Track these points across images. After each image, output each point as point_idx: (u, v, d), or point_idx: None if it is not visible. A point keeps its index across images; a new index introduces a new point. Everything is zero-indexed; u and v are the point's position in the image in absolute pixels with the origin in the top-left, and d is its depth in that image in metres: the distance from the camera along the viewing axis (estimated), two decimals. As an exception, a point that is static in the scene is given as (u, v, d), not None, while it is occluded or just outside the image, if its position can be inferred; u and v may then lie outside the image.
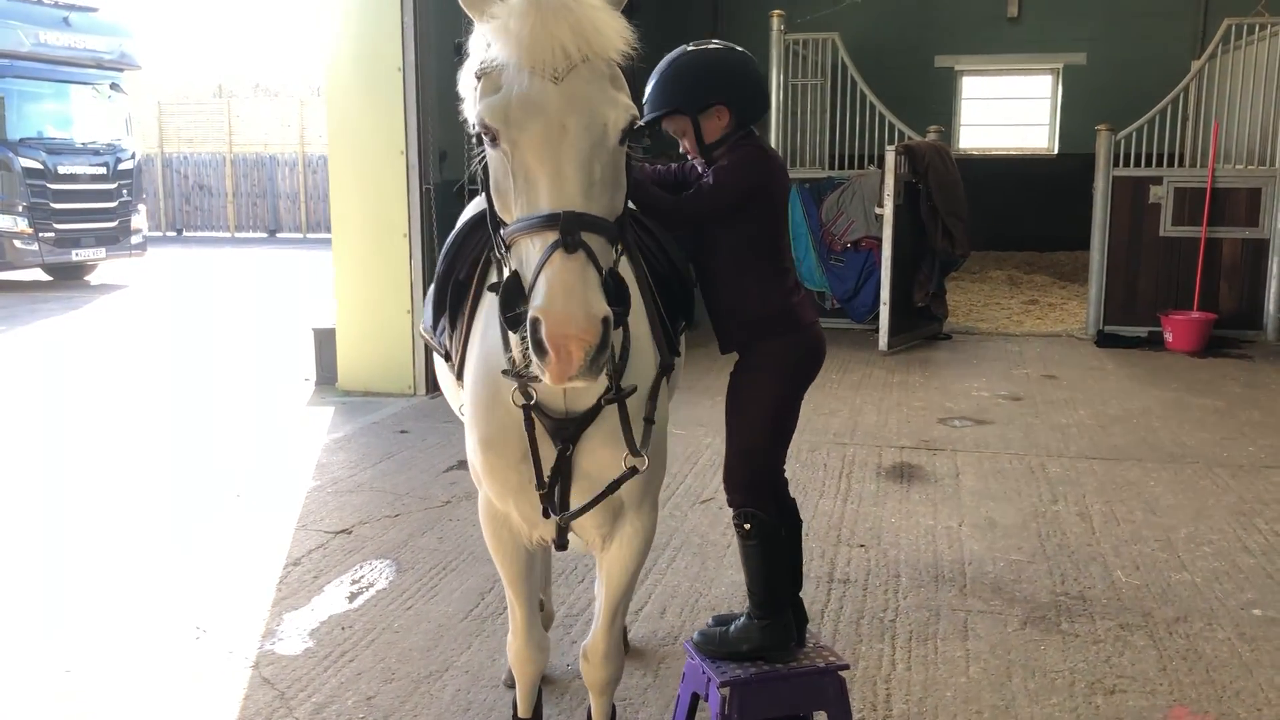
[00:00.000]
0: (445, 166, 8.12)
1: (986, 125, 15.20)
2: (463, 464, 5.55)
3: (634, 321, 2.37)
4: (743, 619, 2.97)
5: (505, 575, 2.71)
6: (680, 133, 2.86)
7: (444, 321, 2.65)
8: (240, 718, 3.40)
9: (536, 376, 2.20)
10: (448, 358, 2.67)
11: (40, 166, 15.30)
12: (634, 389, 2.36)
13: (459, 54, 7.05)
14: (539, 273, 1.86)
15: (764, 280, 2.88)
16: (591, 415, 2.36)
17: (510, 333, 2.06)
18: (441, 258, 2.73)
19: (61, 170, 15.55)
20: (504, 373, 2.28)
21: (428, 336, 2.82)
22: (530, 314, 1.85)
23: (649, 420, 2.40)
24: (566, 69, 1.94)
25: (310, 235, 25.61)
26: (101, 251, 16.23)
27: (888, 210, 9.17)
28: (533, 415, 2.33)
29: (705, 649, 2.93)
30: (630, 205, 2.30)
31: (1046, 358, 9.18)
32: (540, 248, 1.87)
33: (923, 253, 9.69)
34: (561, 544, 2.56)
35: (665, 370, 2.52)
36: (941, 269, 9.84)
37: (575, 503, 2.43)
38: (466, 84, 2.23)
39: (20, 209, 15.11)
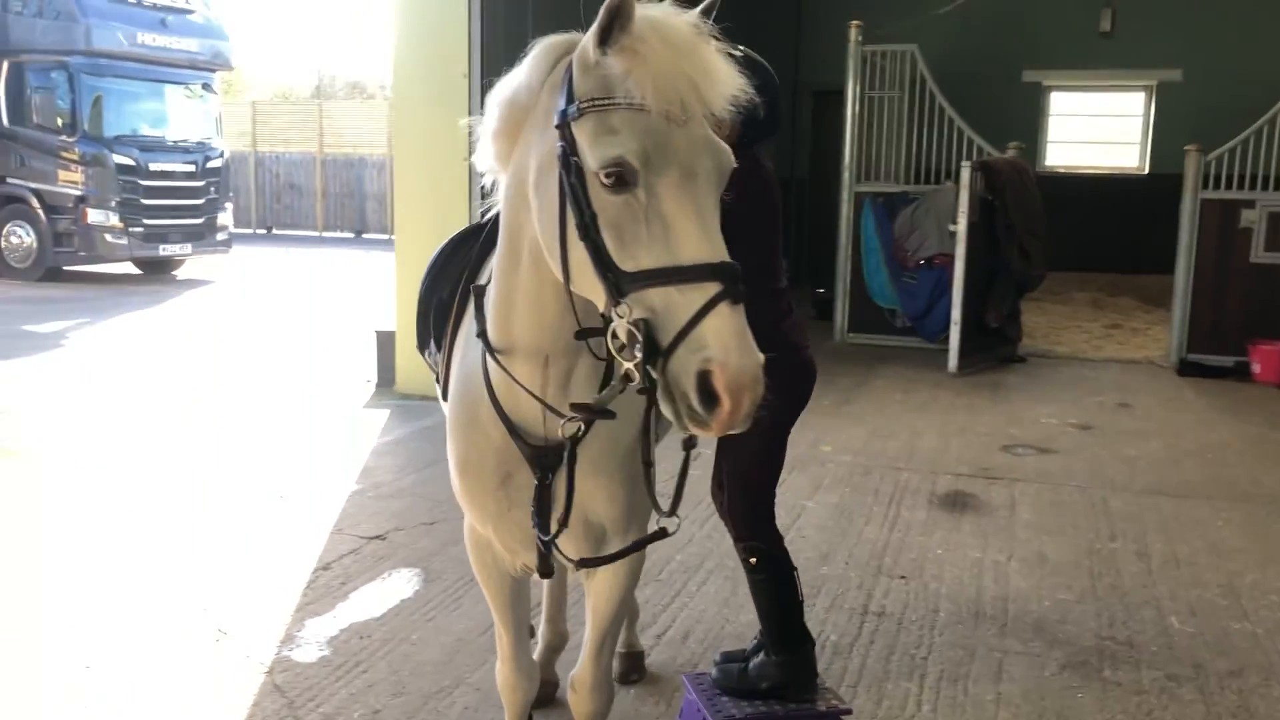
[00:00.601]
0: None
1: (1075, 142, 14.75)
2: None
3: None
4: (760, 656, 2.86)
5: (491, 601, 2.65)
6: None
7: (431, 342, 2.61)
8: (247, 724, 3.39)
9: (611, 413, 2.15)
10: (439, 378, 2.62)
11: (133, 163, 15.72)
12: (613, 414, 2.23)
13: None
14: (697, 323, 1.81)
15: (753, 301, 2.78)
16: (571, 445, 2.28)
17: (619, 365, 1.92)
18: (423, 279, 2.68)
19: (153, 167, 15.95)
20: (573, 406, 2.18)
21: (425, 357, 2.78)
22: (695, 367, 1.80)
23: (648, 463, 2.27)
24: (697, 112, 1.89)
25: (395, 237, 25.95)
26: (188, 247, 16.61)
27: (961, 227, 8.93)
28: (516, 444, 2.27)
29: (723, 685, 2.83)
30: None
31: (1123, 385, 8.84)
32: (698, 298, 1.82)
33: (998, 272, 9.41)
34: (545, 572, 2.48)
35: None
36: (1017, 289, 9.55)
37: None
38: (505, 114, 2.12)
39: (113, 204, 15.55)
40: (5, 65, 15.66)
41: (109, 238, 15.60)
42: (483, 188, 2.36)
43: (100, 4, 15.55)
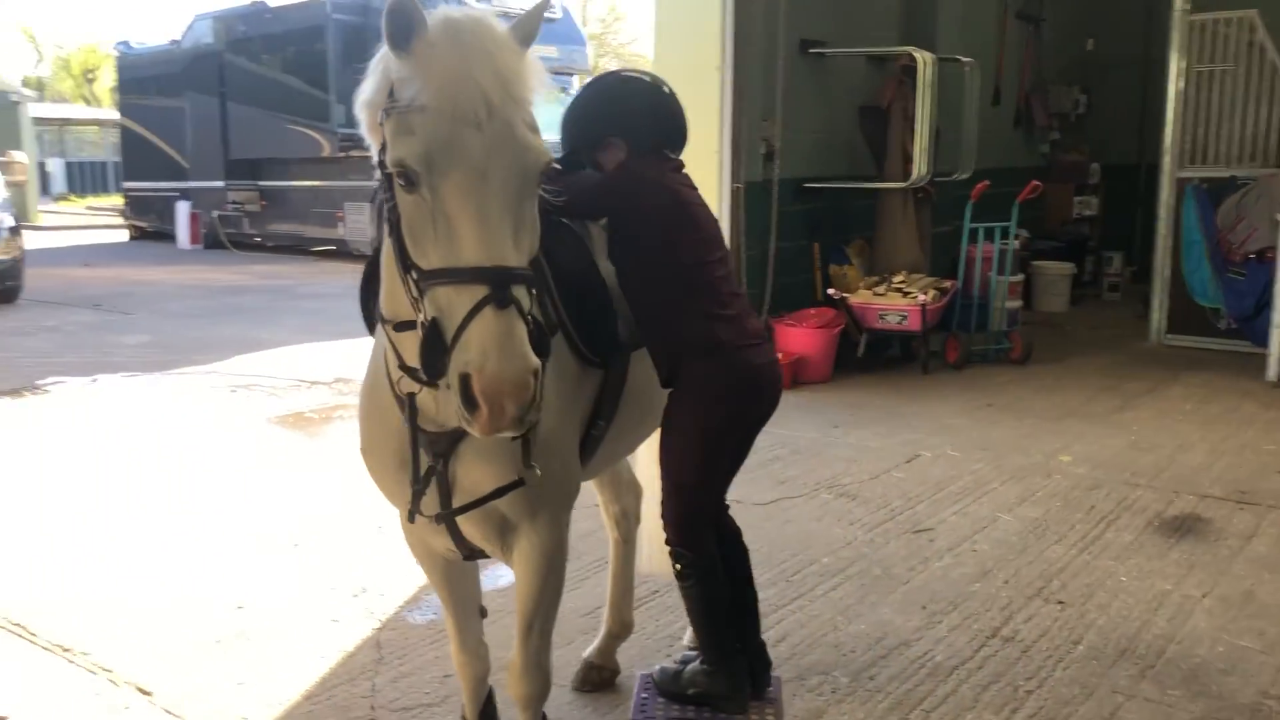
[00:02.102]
0: (770, 166, 8.23)
1: None
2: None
3: None
4: (696, 662, 2.79)
5: (430, 582, 2.77)
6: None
7: None
8: (334, 670, 3.75)
9: (435, 384, 2.25)
10: None
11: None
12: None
13: (803, 51, 7.11)
14: (465, 326, 1.85)
15: (676, 303, 2.70)
16: (464, 430, 2.35)
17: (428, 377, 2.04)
18: (365, 268, 2.82)
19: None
20: (402, 367, 2.27)
21: None
22: (458, 370, 1.85)
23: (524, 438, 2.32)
24: (487, 115, 1.93)
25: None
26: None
27: (1285, 216, 7.79)
28: (413, 425, 2.37)
29: (660, 684, 2.80)
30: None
31: None
32: (468, 300, 1.85)
33: (1339, 268, 8.09)
34: (467, 555, 2.57)
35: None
36: (1363, 288, 8.15)
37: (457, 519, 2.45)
38: (365, 116, 2.18)
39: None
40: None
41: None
42: None
43: (470, 17, 17.16)
